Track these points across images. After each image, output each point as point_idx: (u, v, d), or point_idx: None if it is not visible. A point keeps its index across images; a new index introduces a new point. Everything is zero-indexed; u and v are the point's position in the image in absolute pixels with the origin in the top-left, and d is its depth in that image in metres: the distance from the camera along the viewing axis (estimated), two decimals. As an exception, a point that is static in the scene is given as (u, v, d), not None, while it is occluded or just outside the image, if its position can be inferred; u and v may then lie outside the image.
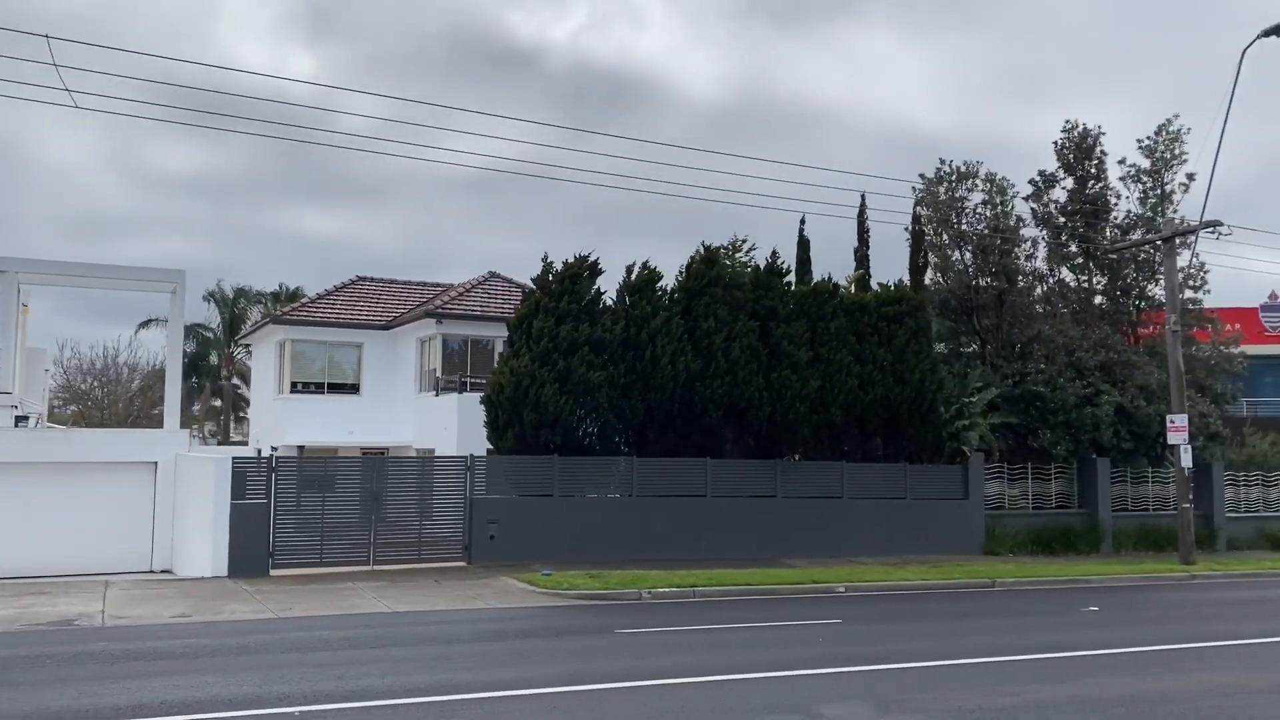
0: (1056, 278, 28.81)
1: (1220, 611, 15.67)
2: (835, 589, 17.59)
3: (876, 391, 23.16)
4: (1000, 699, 8.72)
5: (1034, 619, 14.63)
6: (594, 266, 21.86)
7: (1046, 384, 25.56)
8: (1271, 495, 29.48)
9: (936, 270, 27.53)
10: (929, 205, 27.13)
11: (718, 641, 12.04)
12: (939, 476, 24.41)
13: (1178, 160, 28.20)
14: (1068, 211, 28.60)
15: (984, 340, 27.30)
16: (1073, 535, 25.33)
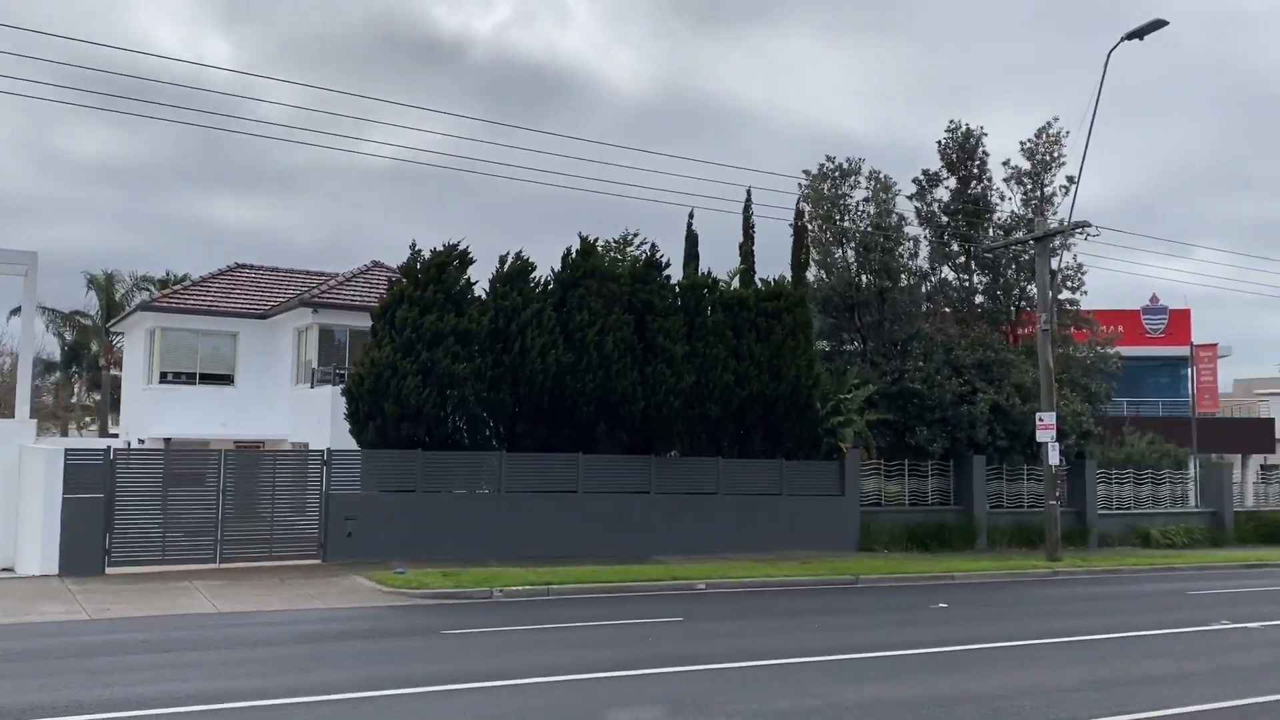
0: (938, 276, 29.06)
1: (1068, 608, 15.77)
2: (696, 586, 17.29)
3: (753, 387, 22.98)
4: (806, 700, 8.43)
5: (882, 616, 14.50)
6: (464, 255, 21.22)
7: (924, 381, 25.71)
8: (1144, 493, 30.18)
9: (820, 267, 27.51)
10: (813, 202, 27.09)
11: (546, 641, 11.57)
12: (816, 473, 24.35)
13: (1056, 163, 28.68)
14: (950, 211, 28.87)
15: (865, 338, 27.38)
16: (948, 532, 25.53)
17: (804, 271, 25.93)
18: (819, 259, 27.35)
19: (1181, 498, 30.98)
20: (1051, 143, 29.05)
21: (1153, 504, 30.09)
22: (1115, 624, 13.37)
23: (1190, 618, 13.89)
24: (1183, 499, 30.93)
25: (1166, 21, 19.63)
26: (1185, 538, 28.81)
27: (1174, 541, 28.45)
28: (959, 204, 28.77)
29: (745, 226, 27.36)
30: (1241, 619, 13.72)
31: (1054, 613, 15.14)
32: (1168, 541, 28.36)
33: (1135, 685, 9.22)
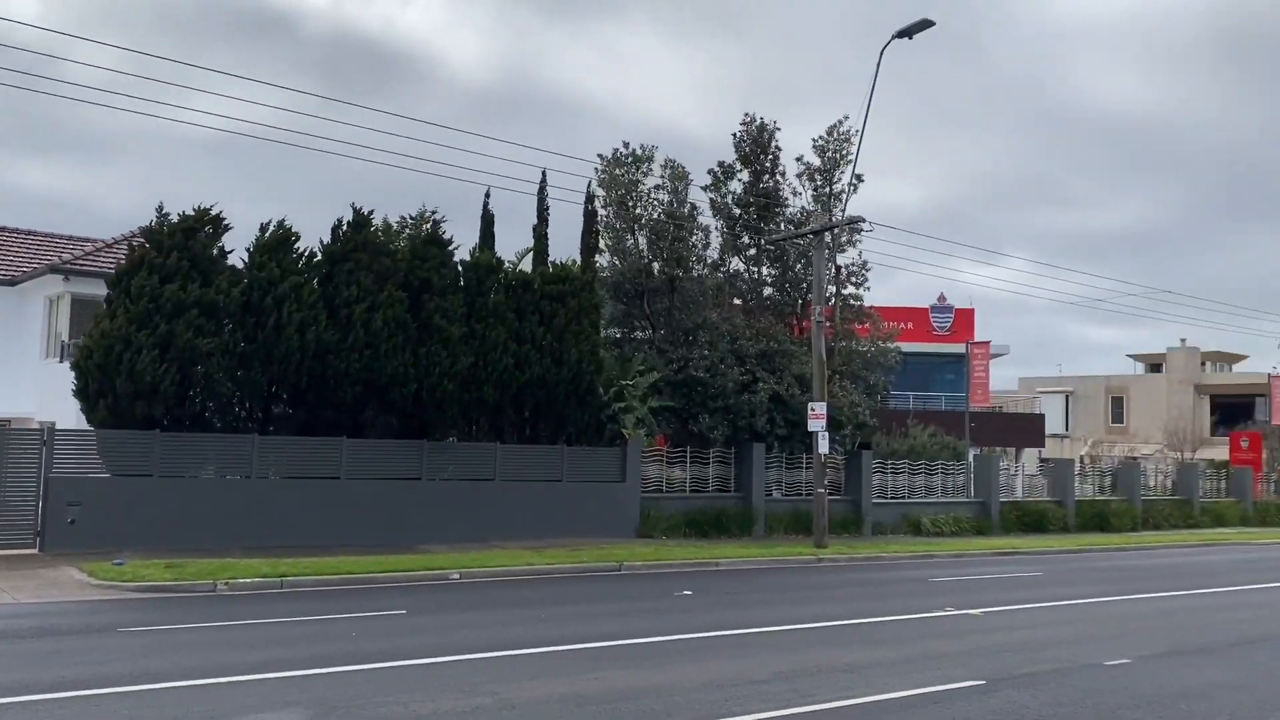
0: (729, 267, 29.28)
1: (813, 594, 15.95)
2: (450, 576, 16.59)
3: (534, 371, 22.42)
4: (474, 699, 7.89)
5: (625, 604, 14.22)
6: (217, 221, 19.72)
7: (708, 370, 25.82)
8: (918, 482, 31.42)
9: (612, 253, 27.23)
10: (606, 187, 26.74)
11: (234, 640, 10.63)
12: (598, 459, 24.06)
13: (845, 160, 29.34)
14: (743, 203, 29.12)
15: (654, 325, 27.29)
16: (727, 518, 25.75)
17: (593, 256, 25.56)
18: (611, 245, 27.07)
19: (955, 488, 32.44)
20: (842, 140, 29.69)
21: (926, 493, 31.37)
22: (847, 611, 13.51)
23: (922, 604, 14.20)
24: (956, 490, 32.38)
25: (933, 22, 20.22)
26: (954, 526, 30.12)
27: (943, 530, 29.70)
28: (751, 196, 29.05)
29: (540, 209, 26.75)
30: (967, 605, 14.13)
31: (797, 600, 15.25)
32: (937, 530, 29.58)
33: (826, 675, 9.13)
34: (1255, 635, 11.91)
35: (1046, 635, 11.69)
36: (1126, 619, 13.28)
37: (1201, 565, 22.69)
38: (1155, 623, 12.92)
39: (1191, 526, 36.18)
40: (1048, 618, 13.28)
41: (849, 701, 8.12)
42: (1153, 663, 9.96)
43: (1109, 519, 33.79)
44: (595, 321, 24.15)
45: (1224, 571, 20.92)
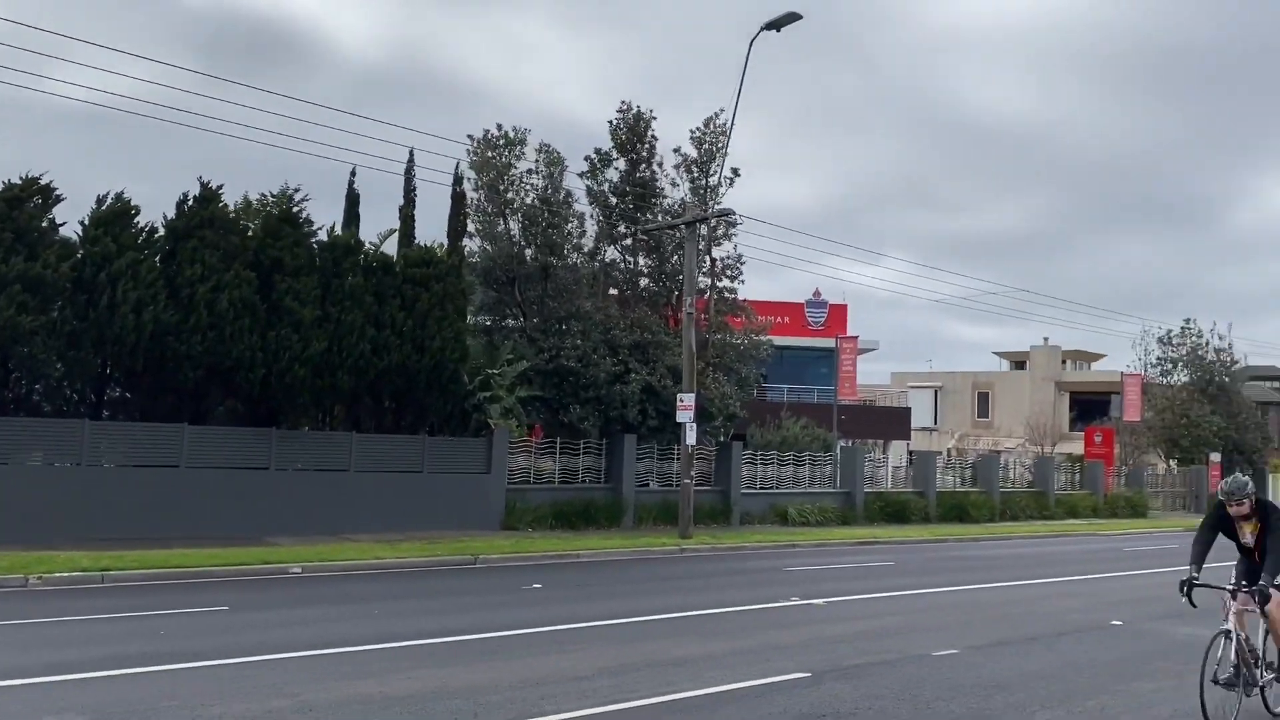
0: (604, 257, 29.03)
1: (668, 585, 15.83)
2: (291, 570, 15.89)
3: (393, 358, 21.72)
4: (275, 701, 7.41)
5: (472, 598, 13.81)
6: (47, 191, 18.44)
7: (580, 360, 25.51)
8: (786, 473, 31.79)
9: (483, 238, 26.63)
10: (478, 169, 26.12)
11: (30, 639, 9.86)
12: (461, 450, 23.50)
13: (720, 152, 29.39)
14: (619, 192, 28.88)
15: (525, 313, 26.82)
16: (595, 510, 25.51)
17: (461, 239, 24.91)
18: (481, 229, 26.47)
19: (823, 479, 32.95)
20: (718, 134, 29.75)
21: (794, 484, 31.79)
22: (695, 602, 13.41)
23: (770, 594, 14.19)
24: (823, 481, 32.90)
25: (800, 15, 20.33)
26: (820, 516, 30.60)
27: (809, 520, 30.13)
28: (628, 186, 28.83)
29: (406, 189, 25.90)
30: (814, 595, 14.18)
31: (648, 591, 15.09)
32: (803, 520, 29.99)
33: (654, 669, 8.93)
34: (1079, 625, 12.24)
35: (884, 625, 11.78)
36: (964, 609, 13.52)
37: (1047, 555, 23.50)
38: (990, 613, 13.19)
39: (1046, 518, 37.65)
40: (889, 608, 13.43)
41: (669, 697, 7.93)
42: (979, 653, 10.09)
43: (968, 510, 34.88)
44: (461, 307, 23.57)
45: (1066, 561, 21.70)
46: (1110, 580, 17.98)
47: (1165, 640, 11.18)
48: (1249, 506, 7.61)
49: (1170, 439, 49.85)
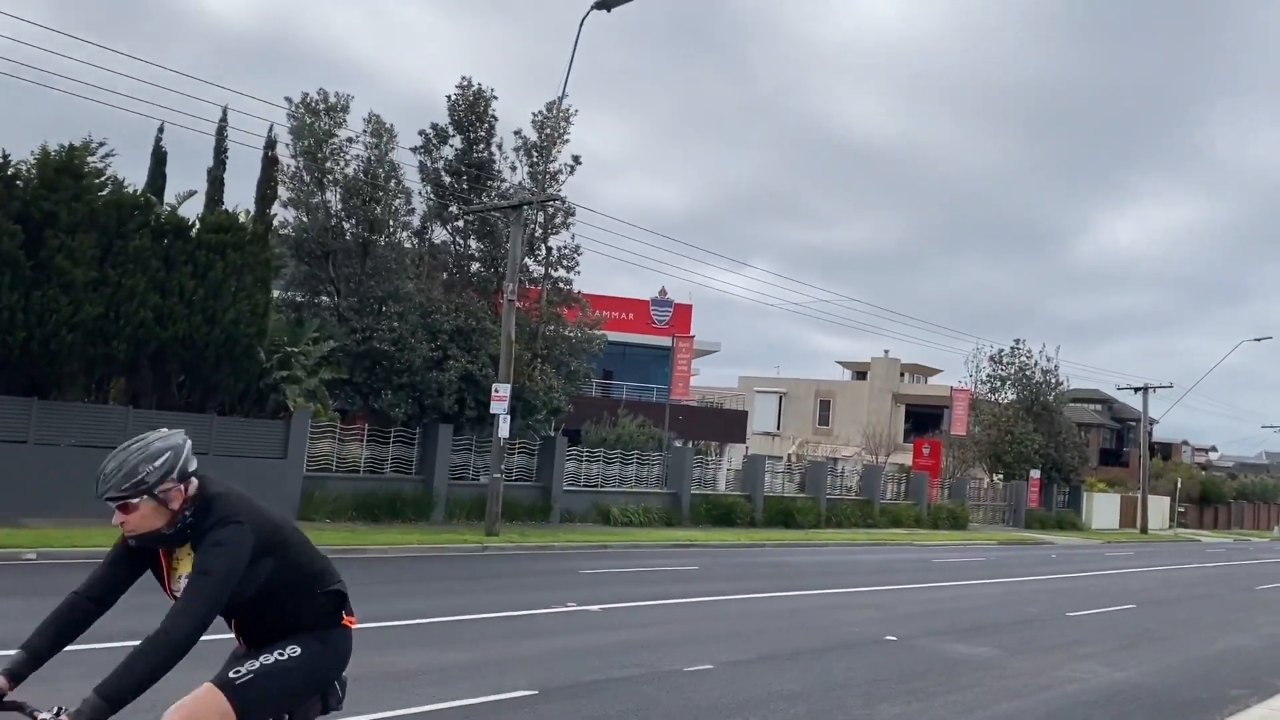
0: (431, 237, 27.75)
1: (445, 587, 14.85)
2: (24, 555, 14.19)
3: (179, 328, 19.96)
4: None
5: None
6: None
7: (394, 343, 24.19)
8: (613, 471, 31.17)
9: (298, 208, 24.96)
10: (296, 134, 24.46)
11: None
12: (255, 432, 21.86)
13: (561, 139, 28.52)
14: (454, 171, 27.65)
15: (339, 290, 25.29)
16: (402, 503, 24.23)
17: (269, 206, 23.20)
18: (295, 198, 24.80)
19: (650, 479, 32.49)
20: (562, 119, 28.88)
21: (620, 483, 31.19)
22: (463, 605, 12.47)
23: (550, 599, 13.36)
24: (651, 480, 32.44)
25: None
26: (643, 517, 30.10)
27: (632, 520, 29.59)
28: (463, 165, 27.63)
29: (218, 150, 23.99)
30: (597, 600, 13.43)
31: (422, 592, 14.06)
32: (626, 520, 29.42)
33: (370, 683, 7.92)
34: (853, 639, 11.88)
35: (651, 636, 11.10)
36: (745, 618, 13.02)
37: (856, 564, 23.55)
38: (768, 624, 12.72)
39: (870, 526, 38.27)
40: (669, 616, 12.80)
41: (364, 718, 6.95)
42: (734, 669, 9.50)
43: (794, 515, 35.05)
44: (264, 279, 21.93)
45: (872, 571, 21.72)
46: (907, 592, 17.93)
47: (933, 659, 10.87)
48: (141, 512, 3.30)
49: (995, 454, 51.74)
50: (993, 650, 11.58)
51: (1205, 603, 19.73)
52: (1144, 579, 25.06)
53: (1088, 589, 21.11)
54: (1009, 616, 15.14)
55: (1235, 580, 26.50)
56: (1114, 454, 77.97)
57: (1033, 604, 17.05)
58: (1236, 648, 13.50)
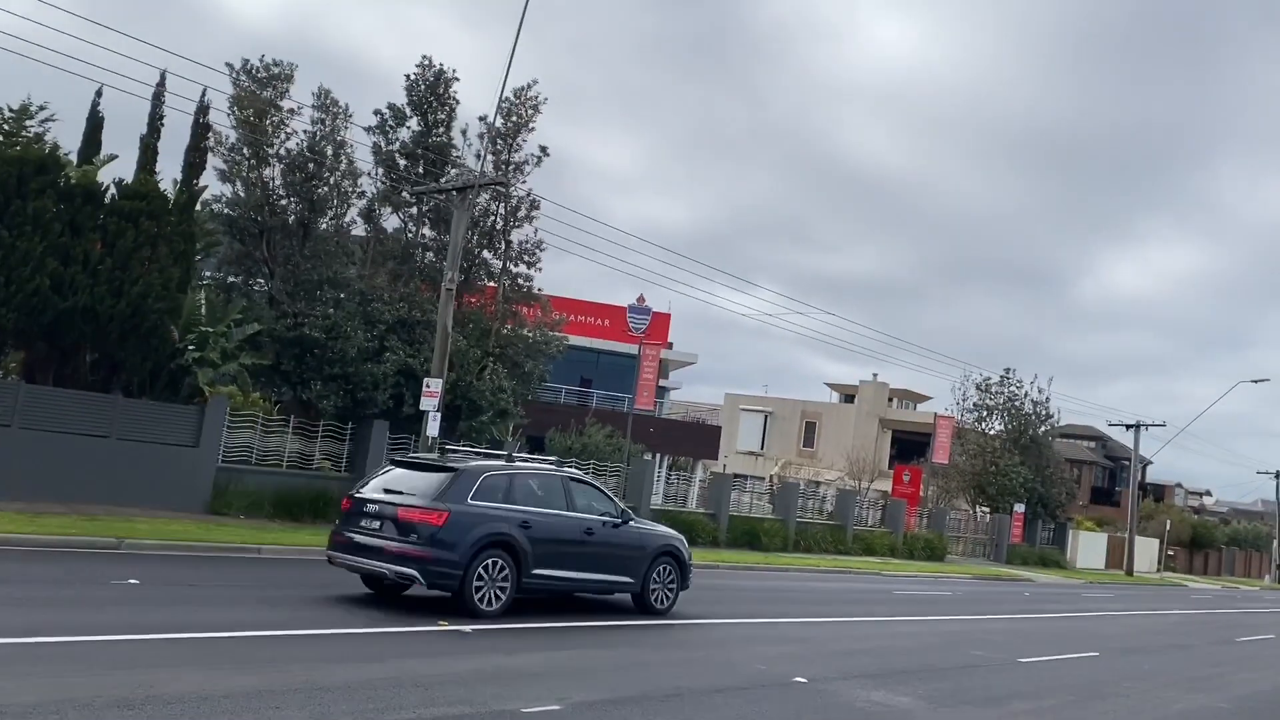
0: (380, 221, 26.26)
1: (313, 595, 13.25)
2: None
3: (80, 299, 18.46)
4: None
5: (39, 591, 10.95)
6: None
7: (327, 331, 22.64)
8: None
9: (232, 181, 23.45)
10: (236, 104, 22.98)
11: None
12: (164, 417, 20.30)
13: (526, 127, 27.08)
14: (410, 155, 26.18)
15: (272, 271, 23.75)
16: (328, 502, 22.50)
17: (197, 175, 21.70)
18: (230, 170, 23.29)
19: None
20: (531, 108, 27.45)
21: (574, 494, 29.54)
22: (319, 618, 10.90)
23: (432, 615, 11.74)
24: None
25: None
26: (595, 531, 28.45)
27: (583, 533, 27.94)
28: (421, 149, 26.17)
29: (152, 116, 22.57)
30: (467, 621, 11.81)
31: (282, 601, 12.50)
32: (576, 533, 27.78)
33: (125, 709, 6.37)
34: (755, 680, 10.26)
35: (511, 663, 9.50)
36: (636, 648, 11.41)
37: (809, 591, 21.93)
38: (665, 656, 11.11)
39: (841, 552, 36.58)
40: (548, 641, 11.18)
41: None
42: (586, 711, 7.89)
43: (760, 537, 33.38)
44: (185, 252, 20.46)
45: (824, 600, 20.12)
46: (850, 625, 16.31)
47: (836, 709, 9.27)
48: None
49: (979, 485, 50.07)
50: (913, 701, 9.96)
51: (1178, 654, 18.08)
52: (1118, 624, 23.40)
53: (1052, 632, 19.47)
54: (952, 659, 13.51)
55: (1216, 630, 24.82)
56: (1106, 493, 76.26)
57: (985, 646, 15.41)
58: (1200, 709, 11.87)
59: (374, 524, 12.01)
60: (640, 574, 13.87)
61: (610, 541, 13.48)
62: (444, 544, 11.49)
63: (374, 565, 11.91)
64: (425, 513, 11.63)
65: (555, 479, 13.37)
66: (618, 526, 13.71)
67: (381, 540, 11.75)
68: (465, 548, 11.55)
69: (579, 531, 13.04)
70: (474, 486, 12.09)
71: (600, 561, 13.35)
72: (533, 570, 12.26)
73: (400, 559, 11.49)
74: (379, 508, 12.04)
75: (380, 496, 12.21)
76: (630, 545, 13.85)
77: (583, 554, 13.05)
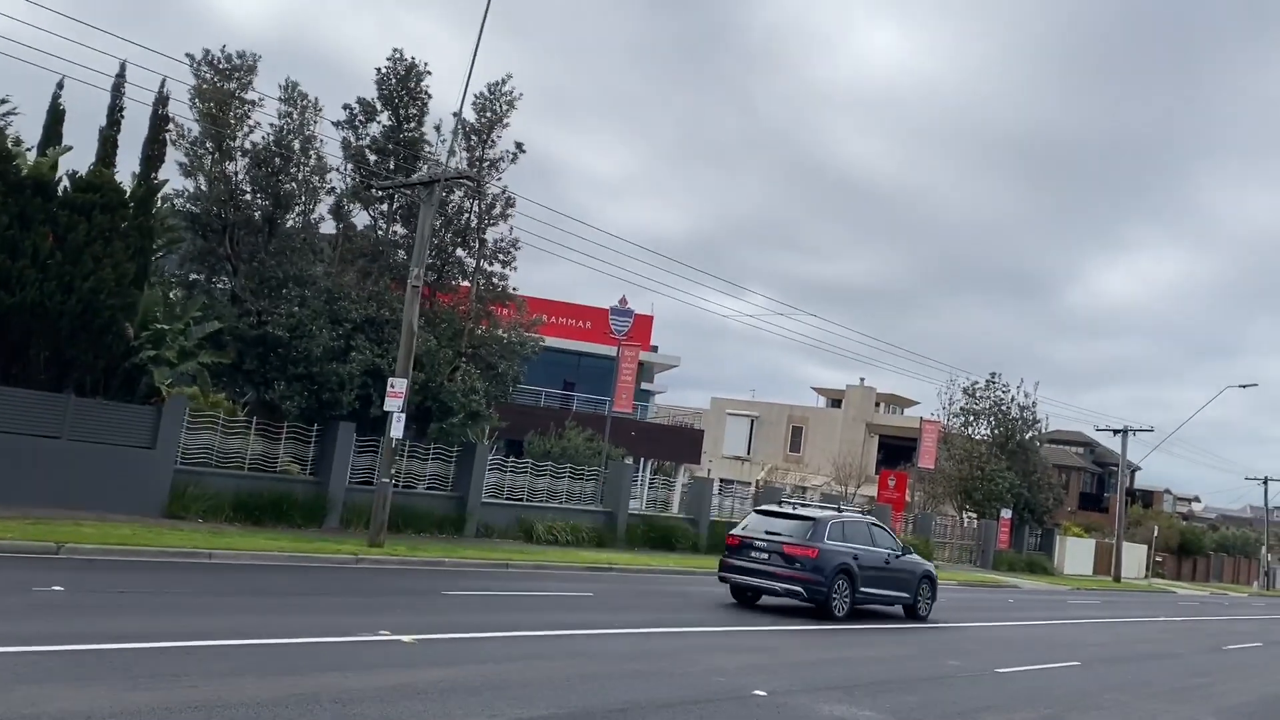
0: (352, 219, 25.60)
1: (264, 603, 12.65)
2: None
3: (29, 295, 17.79)
4: None
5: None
6: None
7: (291, 329, 21.98)
8: (541, 485, 28.93)
9: (193, 175, 22.78)
10: (200, 96, 22.33)
11: None
12: (121, 417, 19.62)
13: (500, 123, 26.48)
14: (381, 150, 25.55)
15: (235, 269, 23.08)
16: (292, 505, 21.93)
17: (156, 168, 21.04)
18: (192, 164, 22.63)
19: (585, 496, 30.27)
20: (507, 103, 26.85)
21: (549, 498, 28.95)
22: (257, 626, 10.27)
23: (369, 624, 11.11)
24: (585, 497, 30.23)
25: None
26: (571, 535, 27.82)
27: (558, 538, 27.31)
28: (392, 144, 25.54)
29: (112, 108, 21.90)
30: (423, 628, 11.20)
31: (226, 608, 11.86)
32: (551, 538, 27.15)
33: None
34: (713, 692, 9.67)
35: (444, 677, 8.88)
36: (590, 659, 10.79)
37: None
38: (617, 667, 10.49)
39: (825, 558, 35.98)
40: (495, 651, 10.54)
41: None
42: (515, 730, 7.30)
43: (741, 543, 32.76)
44: (143, 247, 19.81)
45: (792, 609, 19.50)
46: (820, 634, 15.71)
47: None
48: None
49: (965, 490, 49.53)
50: (876, 715, 9.38)
51: (1162, 663, 17.54)
52: (1102, 632, 22.86)
53: (1034, 640, 18.91)
54: (924, 670, 12.94)
55: (1203, 638, 24.32)
56: (1094, 498, 75.87)
57: (961, 655, 14.84)
58: (1184, 724, 11.33)
59: (763, 555, 17.38)
60: (912, 591, 19.22)
61: (896, 568, 18.92)
62: (817, 570, 16.87)
63: (768, 584, 17.33)
64: (803, 549, 16.98)
65: (863, 523, 18.87)
66: (899, 557, 19.11)
67: (772, 568, 17.18)
68: (828, 573, 16.97)
69: (881, 561, 18.45)
70: (826, 529, 17.49)
71: (892, 583, 18.81)
72: (859, 589, 17.62)
73: (789, 580, 16.98)
74: (766, 544, 17.38)
75: (764, 537, 17.54)
76: (907, 571, 19.27)
77: (883, 577, 18.45)
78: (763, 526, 17.92)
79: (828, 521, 17.66)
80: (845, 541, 17.61)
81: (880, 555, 18.43)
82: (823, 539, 17.17)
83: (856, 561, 17.49)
